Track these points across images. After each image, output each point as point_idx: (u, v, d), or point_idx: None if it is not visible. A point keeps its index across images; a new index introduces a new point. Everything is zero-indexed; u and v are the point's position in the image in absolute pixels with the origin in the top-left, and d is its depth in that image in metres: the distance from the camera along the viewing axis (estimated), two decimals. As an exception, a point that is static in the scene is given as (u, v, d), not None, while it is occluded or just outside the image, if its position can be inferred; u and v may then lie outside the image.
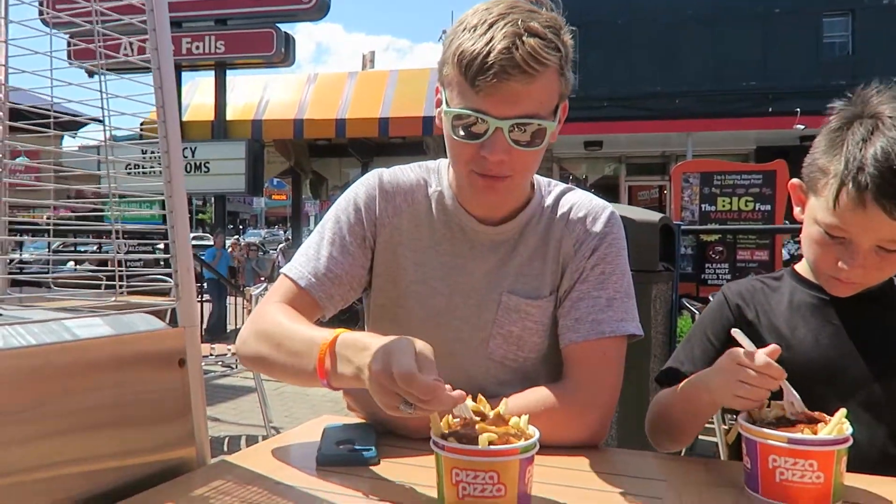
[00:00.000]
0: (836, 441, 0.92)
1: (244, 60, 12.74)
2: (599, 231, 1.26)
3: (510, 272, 1.27)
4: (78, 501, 0.91)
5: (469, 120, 1.10)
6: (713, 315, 1.32)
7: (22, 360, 0.88)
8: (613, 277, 1.25)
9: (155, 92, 1.04)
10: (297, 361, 1.09)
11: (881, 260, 1.11)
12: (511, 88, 1.06)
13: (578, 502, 0.93)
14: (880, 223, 1.06)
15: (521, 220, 1.28)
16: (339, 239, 1.28)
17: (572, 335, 1.22)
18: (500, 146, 1.10)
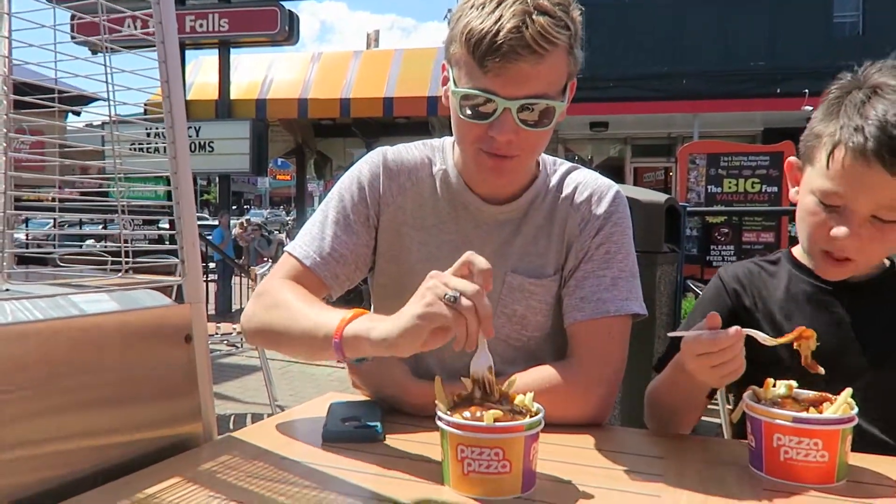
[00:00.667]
0: (842, 420, 0.92)
1: (248, 39, 12.63)
2: (605, 211, 1.26)
3: (514, 251, 1.26)
4: (86, 475, 0.92)
5: (477, 100, 1.09)
6: (711, 300, 1.30)
7: (30, 335, 0.88)
8: (619, 256, 1.24)
9: (159, 66, 1.03)
10: (311, 340, 1.08)
11: (876, 231, 1.06)
12: (520, 69, 1.05)
13: (582, 479, 0.94)
14: (879, 182, 1.02)
15: (526, 199, 1.27)
16: (344, 218, 1.27)
17: (577, 314, 1.22)
18: (509, 126, 1.09)
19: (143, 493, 0.86)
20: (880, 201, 1.04)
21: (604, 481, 0.94)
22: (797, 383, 1.01)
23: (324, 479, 0.94)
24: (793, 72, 14.41)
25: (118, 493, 0.86)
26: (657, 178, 17.42)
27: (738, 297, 1.26)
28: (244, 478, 0.93)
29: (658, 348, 3.38)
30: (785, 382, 1.00)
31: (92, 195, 1.21)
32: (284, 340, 1.16)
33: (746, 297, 1.26)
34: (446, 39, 1.16)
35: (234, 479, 0.93)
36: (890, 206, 1.04)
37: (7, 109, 0.98)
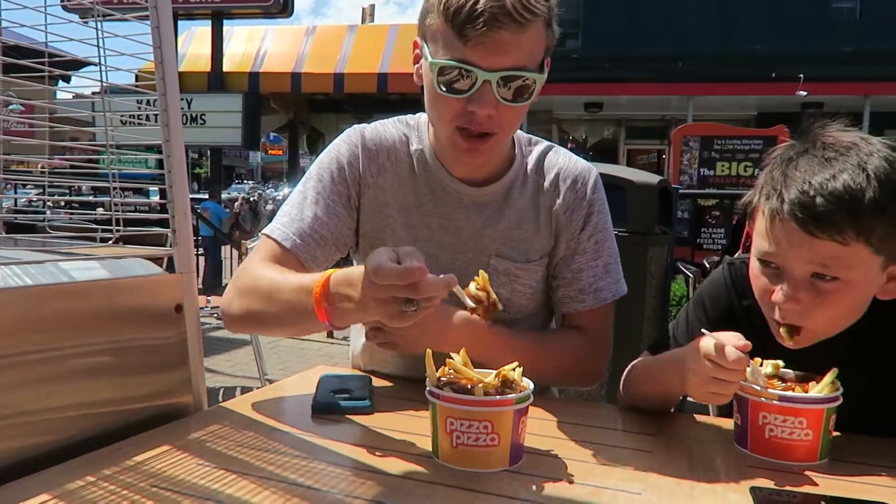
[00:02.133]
0: (827, 399, 0.94)
1: (242, 10, 12.47)
2: (589, 198, 1.28)
3: (498, 235, 1.25)
4: (76, 442, 0.92)
5: (455, 73, 1.06)
6: (713, 294, 1.24)
7: (19, 301, 0.88)
8: (606, 244, 1.30)
9: (152, 32, 1.02)
10: (293, 308, 1.04)
11: (816, 294, 0.98)
12: (500, 38, 1.03)
13: (570, 454, 0.95)
14: (801, 241, 0.96)
15: (505, 183, 1.26)
16: (324, 199, 1.23)
17: (577, 305, 1.28)
18: (489, 99, 1.06)
19: (133, 461, 0.86)
20: (811, 259, 0.97)
21: (591, 456, 0.95)
22: (783, 363, 1.02)
23: (313, 449, 0.94)
24: (789, 56, 14.37)
25: (108, 460, 0.86)
26: (650, 160, 17.42)
27: (740, 298, 1.20)
28: (233, 447, 0.93)
29: (647, 329, 3.41)
30: (772, 362, 1.01)
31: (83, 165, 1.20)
32: (270, 322, 1.12)
33: (746, 300, 1.18)
34: (421, 12, 1.13)
35: (224, 448, 0.93)
36: (821, 264, 0.96)
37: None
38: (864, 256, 0.95)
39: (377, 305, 0.89)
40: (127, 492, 0.78)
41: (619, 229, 3.68)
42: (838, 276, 0.96)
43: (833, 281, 0.97)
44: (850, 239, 0.93)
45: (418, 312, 0.88)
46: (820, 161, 0.97)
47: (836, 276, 0.96)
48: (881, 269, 0.98)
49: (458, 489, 0.82)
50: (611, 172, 3.57)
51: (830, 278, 0.97)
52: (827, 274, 0.97)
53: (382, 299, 0.88)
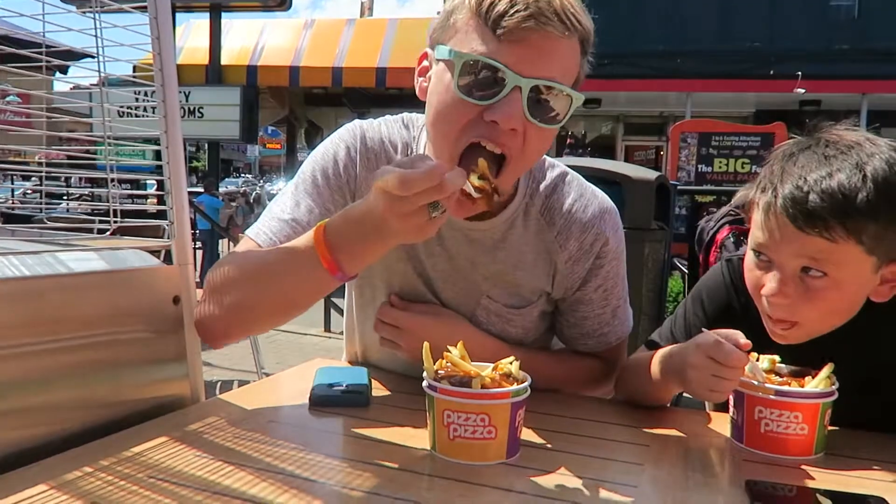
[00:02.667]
0: (823, 394, 0.94)
1: (240, 3, 12.44)
2: (599, 249, 1.17)
3: (490, 277, 1.16)
4: (74, 432, 0.92)
5: (482, 72, 0.90)
6: (711, 291, 1.24)
7: (17, 292, 0.87)
8: (615, 290, 1.22)
9: (150, 22, 1.01)
10: (288, 272, 0.95)
11: (805, 290, 0.98)
12: (544, 38, 0.89)
13: (567, 447, 0.95)
14: (791, 236, 0.96)
15: (503, 220, 1.13)
16: (315, 201, 1.12)
17: (579, 346, 1.26)
18: (516, 110, 0.91)
19: (130, 452, 0.86)
20: (800, 253, 0.97)
21: (588, 449, 0.95)
22: (780, 358, 1.02)
23: (310, 441, 0.94)
24: (787, 53, 14.37)
25: (105, 450, 0.86)
26: (648, 156, 17.43)
27: (738, 295, 1.20)
28: (231, 439, 0.93)
29: (643, 325, 3.41)
30: (768, 357, 1.01)
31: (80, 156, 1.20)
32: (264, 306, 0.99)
33: (745, 297, 1.17)
34: (441, 15, 0.99)
35: (221, 439, 0.93)
36: (811, 258, 0.97)
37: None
38: (855, 255, 0.95)
39: (403, 222, 0.83)
40: (124, 482, 0.78)
41: (616, 225, 3.60)
42: (827, 272, 0.96)
43: (822, 277, 0.97)
44: (840, 237, 0.93)
45: (444, 215, 0.84)
46: (819, 158, 0.97)
47: (824, 272, 0.97)
48: (874, 270, 0.98)
49: (456, 482, 0.82)
50: (608, 168, 3.57)
51: (820, 274, 0.97)
52: (816, 269, 0.97)
53: (409, 213, 0.82)
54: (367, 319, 1.25)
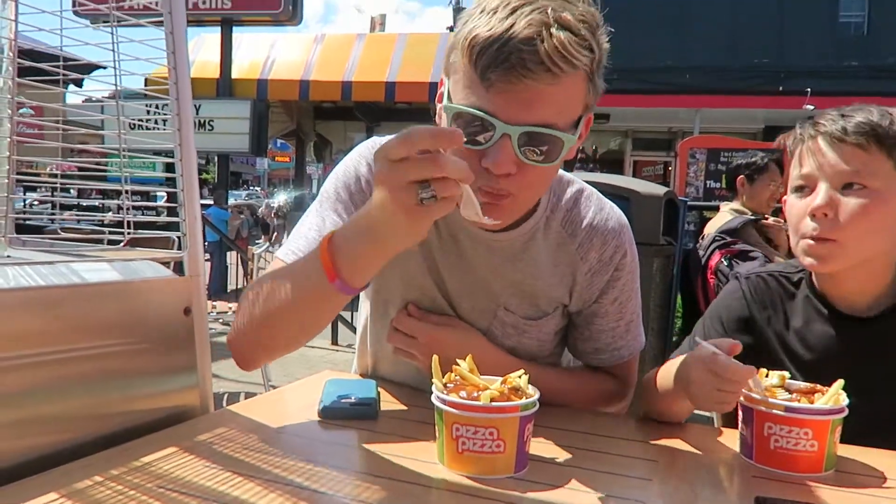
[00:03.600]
0: (832, 411, 0.93)
1: (251, 17, 12.54)
2: (618, 261, 1.18)
3: (509, 287, 1.17)
4: (86, 441, 0.93)
5: (472, 122, 0.92)
6: (728, 304, 1.29)
7: (31, 301, 0.88)
8: (630, 304, 1.23)
9: (166, 37, 1.03)
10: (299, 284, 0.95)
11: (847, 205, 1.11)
12: (528, 87, 0.89)
13: (575, 462, 0.95)
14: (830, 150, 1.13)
15: (526, 230, 1.15)
16: (343, 218, 1.13)
17: (593, 360, 1.26)
18: (507, 156, 0.92)
19: (140, 461, 0.87)
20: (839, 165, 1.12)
21: (596, 464, 0.95)
22: (789, 374, 1.02)
23: (319, 453, 0.95)
24: (796, 70, 14.38)
25: (115, 460, 0.87)
26: (656, 172, 17.44)
27: (758, 311, 1.26)
28: (240, 449, 0.94)
29: (651, 340, 3.40)
30: (778, 373, 1.01)
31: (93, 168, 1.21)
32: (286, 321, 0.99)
33: (764, 310, 1.26)
34: (448, 46, 1.00)
35: (231, 450, 0.93)
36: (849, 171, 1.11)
37: (13, 74, 0.98)
38: (887, 170, 1.11)
39: (393, 197, 0.79)
40: (134, 492, 0.78)
41: (624, 239, 3.59)
42: (866, 184, 1.10)
43: (862, 189, 1.10)
44: (874, 150, 1.10)
45: (438, 205, 0.78)
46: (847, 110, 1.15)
47: (864, 185, 1.10)
48: None
49: (463, 495, 0.82)
50: (617, 183, 3.58)
51: (860, 187, 1.11)
52: (857, 183, 1.11)
53: (399, 186, 0.78)
54: (382, 333, 1.26)
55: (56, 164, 1.23)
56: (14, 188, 1.11)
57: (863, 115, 1.13)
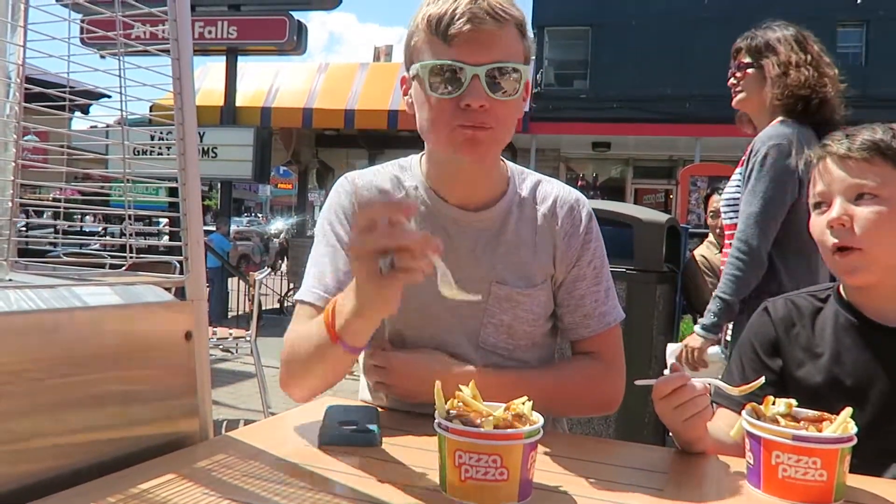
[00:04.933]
0: (841, 440, 0.92)
1: (256, 47, 12.69)
2: (585, 226, 1.32)
3: (497, 261, 1.27)
4: (83, 468, 0.91)
5: (445, 73, 1.12)
6: (756, 332, 1.34)
7: (32, 325, 0.88)
8: (604, 269, 1.34)
9: (172, 63, 1.04)
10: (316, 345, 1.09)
11: (863, 214, 1.16)
12: (483, 31, 1.10)
13: (580, 490, 0.93)
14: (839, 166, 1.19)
15: (501, 209, 1.29)
16: (339, 251, 1.26)
17: (584, 331, 1.32)
18: (479, 91, 1.12)
19: (138, 489, 0.86)
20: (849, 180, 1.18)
21: (600, 493, 0.93)
22: (796, 402, 1.01)
23: (319, 480, 0.93)
24: (795, 99, 14.46)
25: (114, 487, 0.85)
26: (657, 199, 17.47)
27: (785, 329, 1.30)
28: (239, 477, 0.92)
29: (654, 368, 3.38)
30: (785, 400, 1.00)
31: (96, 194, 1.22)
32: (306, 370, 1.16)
33: (792, 328, 1.29)
34: (405, 45, 1.20)
35: (230, 477, 0.92)
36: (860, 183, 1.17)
37: (19, 100, 0.98)
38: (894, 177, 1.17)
39: (359, 266, 0.92)
40: (131, 520, 0.77)
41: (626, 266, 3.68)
42: (876, 193, 1.16)
43: (873, 198, 1.16)
44: (878, 159, 1.17)
45: (400, 275, 0.88)
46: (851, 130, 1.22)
47: (874, 194, 1.16)
48: None
49: (466, 524, 0.81)
50: (619, 210, 3.58)
51: (870, 196, 1.17)
52: (868, 193, 1.17)
53: (362, 255, 0.90)
54: None
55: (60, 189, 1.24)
56: (18, 213, 1.11)
57: (867, 133, 1.19)
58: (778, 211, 2.20)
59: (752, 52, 2.38)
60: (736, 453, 1.09)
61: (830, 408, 0.99)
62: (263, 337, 5.29)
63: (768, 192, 2.18)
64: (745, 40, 2.42)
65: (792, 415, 0.99)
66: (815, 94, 2.24)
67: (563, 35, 16.66)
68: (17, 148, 1.01)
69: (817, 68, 2.28)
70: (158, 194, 1.42)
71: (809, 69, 2.25)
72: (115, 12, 1.02)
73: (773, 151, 2.18)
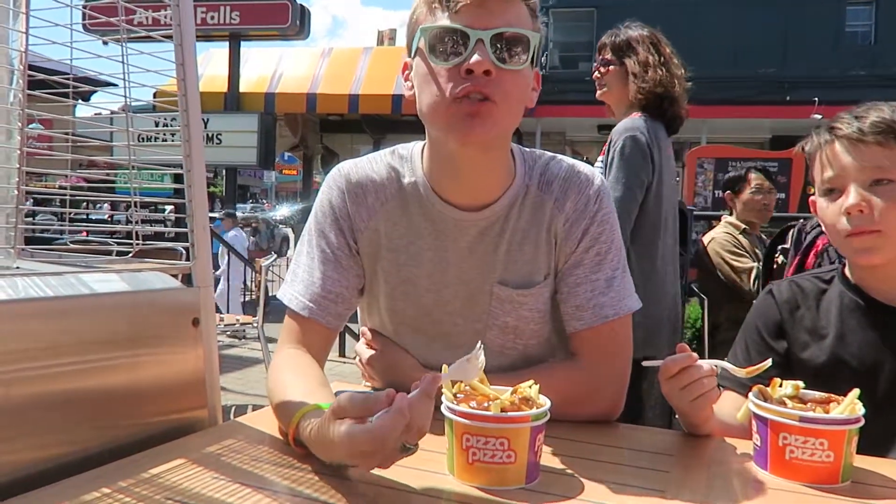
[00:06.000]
0: (848, 421, 0.92)
1: (259, 32, 12.66)
2: (589, 209, 1.20)
3: (499, 260, 1.20)
4: (93, 454, 0.92)
5: (448, 39, 1.05)
6: (761, 314, 1.34)
7: (41, 312, 0.89)
8: (609, 256, 1.21)
9: (175, 49, 1.03)
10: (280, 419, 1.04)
11: (880, 199, 1.15)
12: (491, 2, 1.04)
13: (587, 472, 0.94)
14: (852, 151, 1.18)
15: (504, 204, 1.20)
16: (328, 255, 1.21)
17: (576, 323, 1.20)
18: (484, 56, 1.03)
19: (149, 473, 0.86)
20: (864, 164, 1.17)
21: (608, 475, 0.94)
22: (804, 384, 1.01)
23: (328, 464, 0.94)
24: (803, 80, 14.37)
25: (124, 472, 0.86)
26: (664, 182, 17.36)
27: (789, 311, 1.30)
28: (249, 461, 0.93)
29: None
30: (792, 382, 1.00)
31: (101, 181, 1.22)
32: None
33: (797, 312, 1.30)
34: (407, 27, 1.15)
35: (239, 462, 0.93)
36: (875, 168, 1.16)
37: (23, 87, 0.98)
38: None
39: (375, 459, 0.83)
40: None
41: (633, 249, 3.56)
42: (893, 178, 1.16)
43: (890, 183, 1.16)
44: (892, 142, 1.15)
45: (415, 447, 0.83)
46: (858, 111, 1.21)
47: (891, 179, 1.16)
48: None
49: (474, 506, 0.81)
50: (625, 193, 3.56)
51: (887, 181, 1.16)
52: (885, 178, 1.16)
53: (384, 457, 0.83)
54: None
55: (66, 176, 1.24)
56: (23, 200, 1.11)
57: (876, 113, 1.18)
58: (638, 195, 2.37)
59: (615, 50, 2.55)
60: (742, 436, 1.09)
61: (836, 389, 0.99)
62: (270, 323, 5.32)
63: (629, 179, 2.34)
64: (609, 37, 2.58)
65: (799, 397, 0.99)
66: (667, 92, 2.44)
67: (568, 17, 16.54)
68: (21, 136, 1.01)
69: (669, 69, 2.48)
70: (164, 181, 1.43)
71: (662, 69, 2.46)
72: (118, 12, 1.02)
73: (629, 142, 2.35)
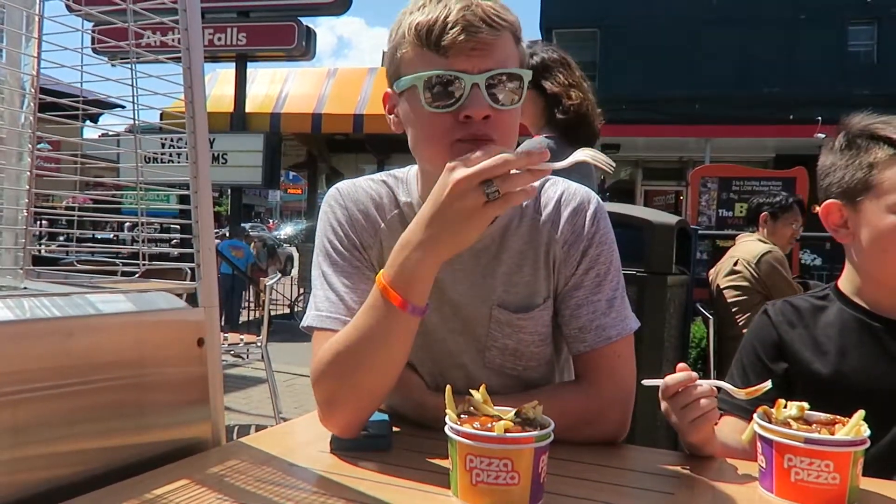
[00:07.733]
0: (854, 442, 0.92)
1: (265, 53, 12.78)
2: (587, 231, 1.20)
3: (497, 283, 1.20)
4: (97, 474, 0.92)
5: (441, 84, 1.03)
6: (757, 335, 1.34)
7: (47, 332, 0.89)
8: (609, 277, 1.21)
9: (183, 72, 1.05)
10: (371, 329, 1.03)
11: None
12: (479, 42, 1.02)
13: (591, 494, 0.93)
14: None
15: (500, 225, 1.20)
16: (343, 270, 1.20)
17: (579, 345, 1.20)
18: (481, 101, 1.02)
19: (153, 494, 0.86)
20: None
21: (613, 497, 0.93)
22: (808, 405, 1.00)
23: (331, 485, 0.94)
24: (806, 99, 14.41)
25: (128, 492, 0.86)
26: (667, 201, 17.41)
27: (787, 331, 1.29)
28: (252, 482, 0.93)
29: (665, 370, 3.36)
30: (797, 403, 0.99)
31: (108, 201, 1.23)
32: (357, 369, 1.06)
33: (794, 331, 1.29)
34: (388, 56, 1.12)
35: (243, 483, 0.93)
36: None
37: (34, 110, 1.00)
38: None
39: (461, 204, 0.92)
40: (146, 525, 0.78)
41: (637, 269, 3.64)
42: None
43: None
44: None
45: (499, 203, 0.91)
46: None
47: None
48: None
49: (478, 528, 0.81)
50: (629, 212, 3.57)
51: None
52: None
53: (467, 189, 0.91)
54: None
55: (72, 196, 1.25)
56: (32, 222, 1.12)
57: None
58: None
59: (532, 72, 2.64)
60: (744, 458, 1.08)
61: (840, 405, 0.99)
62: (274, 342, 5.32)
63: None
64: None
65: (804, 418, 0.98)
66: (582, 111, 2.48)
67: (571, 37, 16.66)
68: (31, 157, 1.02)
69: (581, 90, 2.52)
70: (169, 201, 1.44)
71: (577, 91, 2.50)
72: (126, 21, 1.03)
73: None
